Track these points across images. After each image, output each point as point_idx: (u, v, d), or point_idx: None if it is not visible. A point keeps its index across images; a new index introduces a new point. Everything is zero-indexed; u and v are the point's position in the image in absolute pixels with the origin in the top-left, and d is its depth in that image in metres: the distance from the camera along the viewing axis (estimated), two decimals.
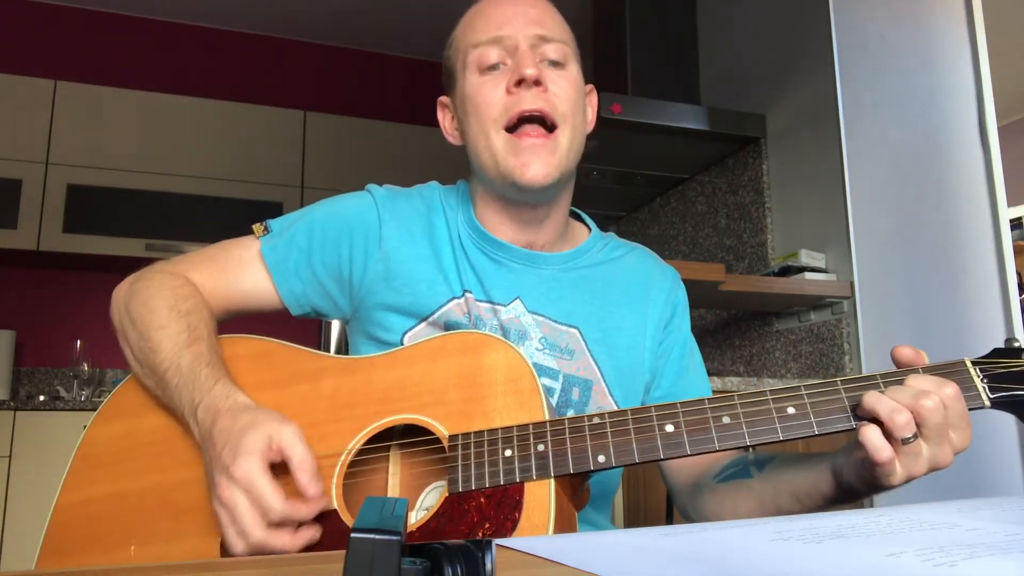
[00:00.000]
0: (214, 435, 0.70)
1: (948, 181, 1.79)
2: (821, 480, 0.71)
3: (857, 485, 0.67)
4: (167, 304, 0.82)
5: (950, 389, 0.61)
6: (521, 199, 0.86)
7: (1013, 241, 1.68)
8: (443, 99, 0.96)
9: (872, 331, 2.01)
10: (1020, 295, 1.66)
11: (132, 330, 0.83)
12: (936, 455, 0.61)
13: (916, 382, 0.62)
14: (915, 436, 0.60)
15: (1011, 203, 1.70)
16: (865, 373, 1.98)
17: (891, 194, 1.95)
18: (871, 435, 0.60)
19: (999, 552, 0.36)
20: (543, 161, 0.81)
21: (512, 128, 0.83)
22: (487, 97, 0.83)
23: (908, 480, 0.62)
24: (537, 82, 0.81)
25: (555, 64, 0.85)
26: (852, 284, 2.08)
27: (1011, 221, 1.69)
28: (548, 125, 0.82)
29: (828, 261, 2.20)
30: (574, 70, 0.87)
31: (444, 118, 0.96)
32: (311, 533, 0.66)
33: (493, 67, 0.84)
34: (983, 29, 1.74)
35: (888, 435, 0.60)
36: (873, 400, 0.61)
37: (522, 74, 0.80)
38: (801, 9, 2.35)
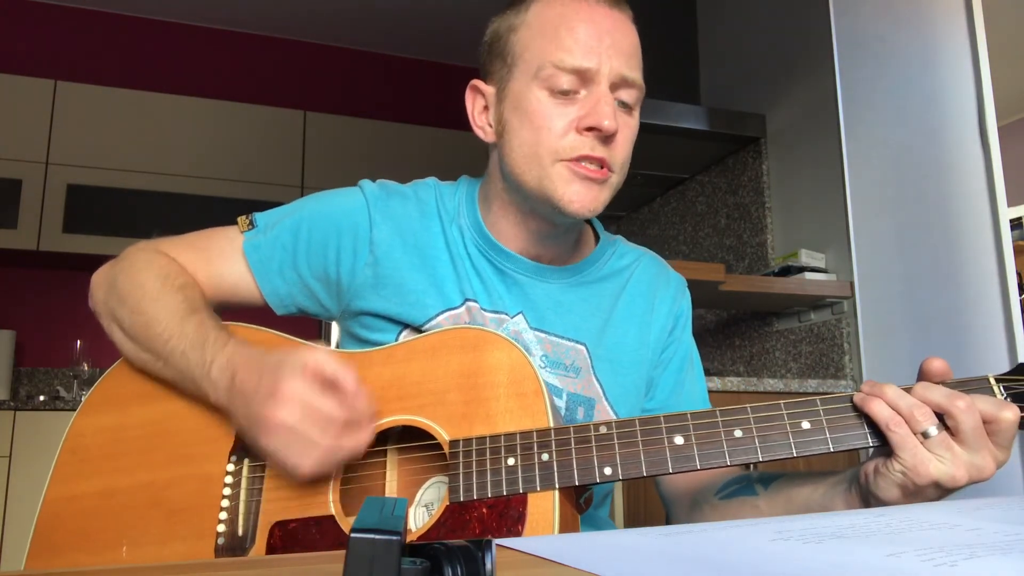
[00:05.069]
0: (238, 384, 0.69)
1: (948, 181, 1.78)
2: (834, 497, 0.69)
3: (881, 492, 0.64)
4: (158, 279, 0.81)
5: (1010, 412, 0.60)
6: (553, 220, 0.84)
7: (1013, 241, 1.67)
8: (478, 84, 0.87)
9: (872, 331, 2.01)
10: (1020, 295, 1.66)
11: (122, 307, 0.81)
12: (976, 462, 0.60)
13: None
14: (938, 428, 0.60)
15: (1011, 203, 1.70)
16: (866, 374, 2.00)
17: (891, 194, 1.95)
18: (877, 408, 0.61)
19: (999, 552, 0.36)
20: (593, 196, 0.79)
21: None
22: (554, 125, 0.78)
23: (943, 481, 0.60)
24: (610, 136, 0.78)
25: (624, 106, 0.82)
26: (852, 284, 2.08)
27: (1011, 221, 1.69)
28: (604, 165, 0.80)
29: (828, 261, 2.20)
30: (638, 114, 0.84)
31: (475, 106, 0.87)
32: (370, 430, 0.68)
33: (564, 92, 0.78)
34: (983, 29, 1.74)
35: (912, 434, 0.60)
36: (895, 396, 0.61)
37: (599, 125, 0.76)
38: (801, 9, 2.35)
